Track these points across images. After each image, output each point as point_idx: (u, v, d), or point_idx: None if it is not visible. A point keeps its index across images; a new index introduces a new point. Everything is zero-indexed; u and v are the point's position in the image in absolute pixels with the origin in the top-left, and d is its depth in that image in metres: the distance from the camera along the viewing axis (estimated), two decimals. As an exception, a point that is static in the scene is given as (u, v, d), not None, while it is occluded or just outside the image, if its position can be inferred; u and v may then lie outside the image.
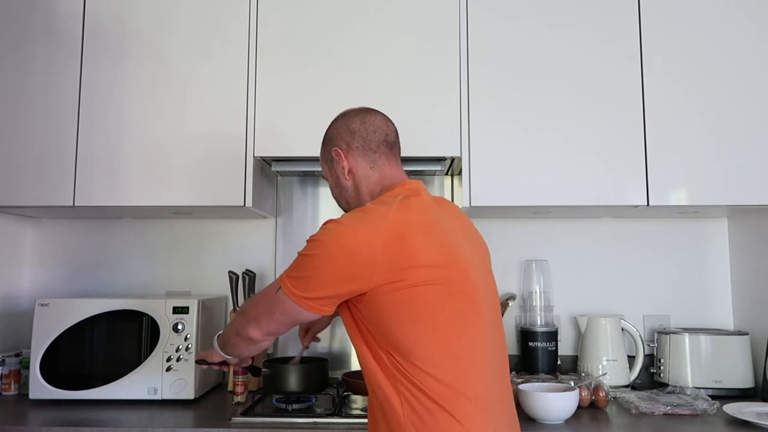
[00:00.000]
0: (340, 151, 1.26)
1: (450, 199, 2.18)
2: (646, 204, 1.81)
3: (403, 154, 1.79)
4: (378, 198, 1.19)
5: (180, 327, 1.78)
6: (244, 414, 1.61)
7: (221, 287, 2.18)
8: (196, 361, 1.76)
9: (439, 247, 1.08)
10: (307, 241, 1.11)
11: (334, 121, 1.31)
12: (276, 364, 1.76)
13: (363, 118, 1.27)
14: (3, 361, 1.89)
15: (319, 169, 1.94)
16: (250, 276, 2.01)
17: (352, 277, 1.06)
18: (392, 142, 1.28)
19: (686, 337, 1.93)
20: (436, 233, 1.09)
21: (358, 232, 1.06)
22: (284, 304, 1.11)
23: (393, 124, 1.30)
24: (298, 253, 1.12)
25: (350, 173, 1.26)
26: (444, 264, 1.07)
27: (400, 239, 1.05)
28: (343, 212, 1.31)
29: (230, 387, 1.94)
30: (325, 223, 1.11)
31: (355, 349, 1.13)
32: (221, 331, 1.34)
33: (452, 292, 1.07)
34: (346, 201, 1.29)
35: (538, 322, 2.06)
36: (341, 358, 2.13)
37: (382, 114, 1.30)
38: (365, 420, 1.57)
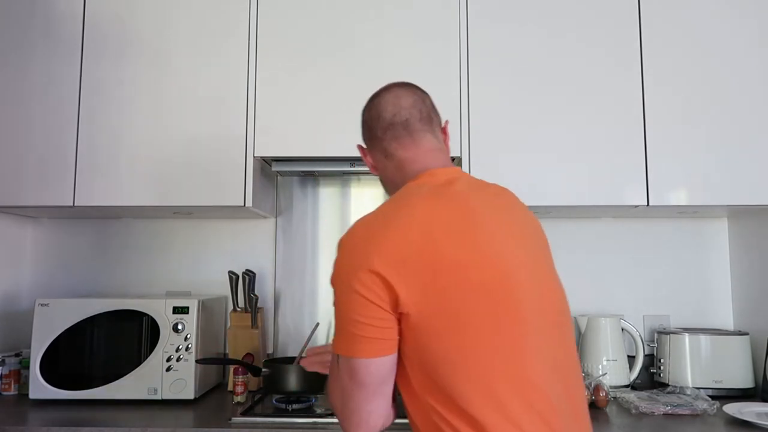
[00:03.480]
0: (360, 147, 1.17)
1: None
2: (646, 204, 1.81)
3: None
4: (392, 198, 1.01)
5: (180, 327, 1.78)
6: (244, 414, 1.61)
7: (221, 287, 2.18)
8: (197, 361, 1.76)
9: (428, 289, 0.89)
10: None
11: None
12: (276, 364, 1.76)
13: (370, 104, 1.13)
14: (3, 361, 1.89)
15: (319, 168, 1.94)
16: (250, 276, 2.01)
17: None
18: (404, 121, 1.07)
19: (686, 337, 1.93)
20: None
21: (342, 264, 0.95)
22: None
23: (408, 98, 1.09)
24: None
25: (374, 168, 1.15)
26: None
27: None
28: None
29: (230, 387, 1.94)
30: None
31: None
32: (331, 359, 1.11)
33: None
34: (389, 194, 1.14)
35: (538, 322, 2.06)
36: (341, 358, 2.13)
37: (396, 90, 1.11)
38: (365, 420, 1.56)
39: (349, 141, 1.84)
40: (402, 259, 0.88)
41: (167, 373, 1.76)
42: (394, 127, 1.08)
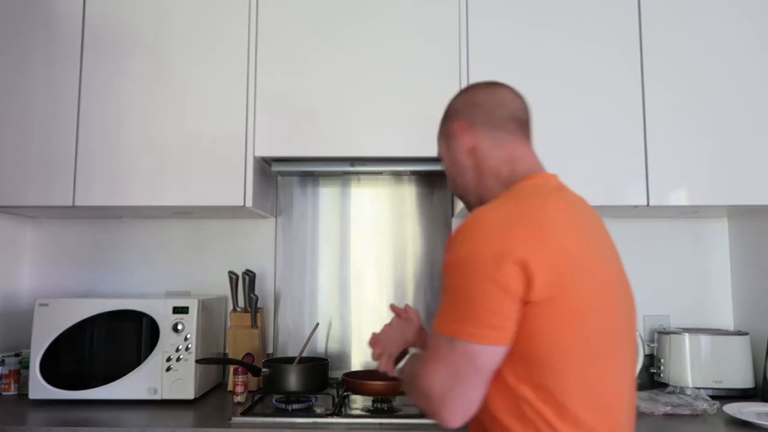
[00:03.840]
0: (462, 125, 1.13)
1: (450, 200, 2.18)
2: (646, 204, 1.81)
3: (401, 155, 1.81)
4: (508, 192, 1.05)
5: (180, 327, 1.78)
6: (244, 414, 1.61)
7: (221, 287, 2.18)
8: (197, 361, 1.76)
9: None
10: None
11: (456, 95, 1.19)
12: (276, 364, 1.76)
13: (488, 91, 1.14)
14: (3, 361, 1.89)
15: (319, 168, 1.94)
16: (250, 276, 2.01)
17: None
18: (523, 121, 1.12)
19: (686, 337, 1.93)
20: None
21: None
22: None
23: (524, 101, 1.15)
24: None
25: (471, 151, 1.11)
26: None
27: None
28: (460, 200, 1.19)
29: (230, 387, 1.93)
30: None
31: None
32: (412, 365, 1.10)
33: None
34: (463, 185, 1.14)
35: (538, 322, 2.06)
36: (341, 358, 2.13)
37: (511, 89, 1.15)
38: (365, 420, 1.57)
39: (349, 141, 1.84)
40: (543, 250, 0.91)
41: (167, 373, 1.76)
42: (515, 122, 1.11)
